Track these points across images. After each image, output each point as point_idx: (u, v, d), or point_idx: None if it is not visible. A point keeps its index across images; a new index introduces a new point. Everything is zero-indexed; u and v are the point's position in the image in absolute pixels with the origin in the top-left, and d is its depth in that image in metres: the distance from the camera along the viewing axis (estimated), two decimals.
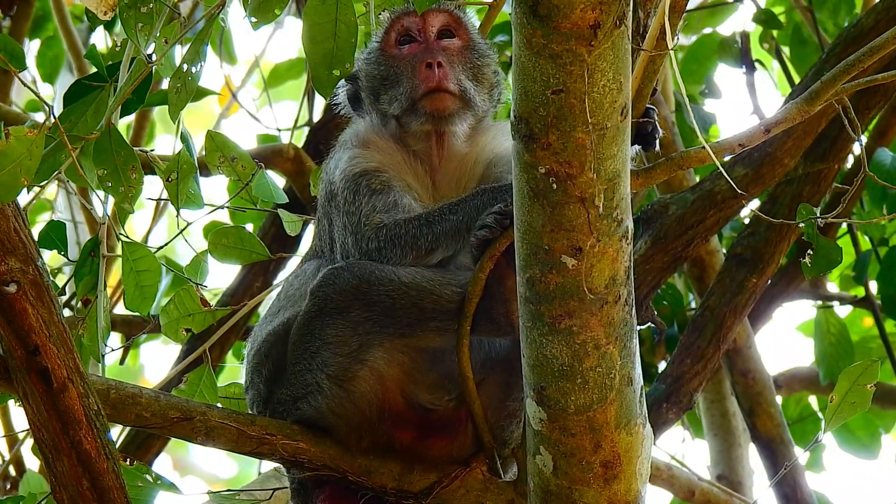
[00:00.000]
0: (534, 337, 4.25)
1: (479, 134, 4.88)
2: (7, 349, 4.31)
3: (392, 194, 4.73)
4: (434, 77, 4.73)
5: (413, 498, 4.66)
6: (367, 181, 4.75)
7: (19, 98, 9.20)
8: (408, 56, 4.80)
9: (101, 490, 4.38)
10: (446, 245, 4.62)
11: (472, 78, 4.81)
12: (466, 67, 4.81)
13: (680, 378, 6.67)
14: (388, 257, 4.64)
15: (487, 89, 4.85)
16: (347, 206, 4.74)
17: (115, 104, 4.79)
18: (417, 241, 4.63)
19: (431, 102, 4.76)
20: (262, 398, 4.77)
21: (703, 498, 7.44)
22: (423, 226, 4.63)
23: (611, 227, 4.11)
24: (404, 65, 4.80)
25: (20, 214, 4.28)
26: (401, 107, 4.79)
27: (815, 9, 7.77)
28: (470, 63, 4.83)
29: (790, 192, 6.69)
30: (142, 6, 4.68)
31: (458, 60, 4.80)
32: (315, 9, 4.54)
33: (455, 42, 4.82)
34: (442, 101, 4.76)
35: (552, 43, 3.89)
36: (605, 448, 4.35)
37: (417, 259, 4.64)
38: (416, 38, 4.82)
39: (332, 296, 4.61)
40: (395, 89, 4.80)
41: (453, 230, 4.61)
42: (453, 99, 4.76)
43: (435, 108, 4.76)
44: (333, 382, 4.60)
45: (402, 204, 4.72)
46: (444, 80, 4.74)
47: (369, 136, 4.86)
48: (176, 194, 4.99)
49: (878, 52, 4.29)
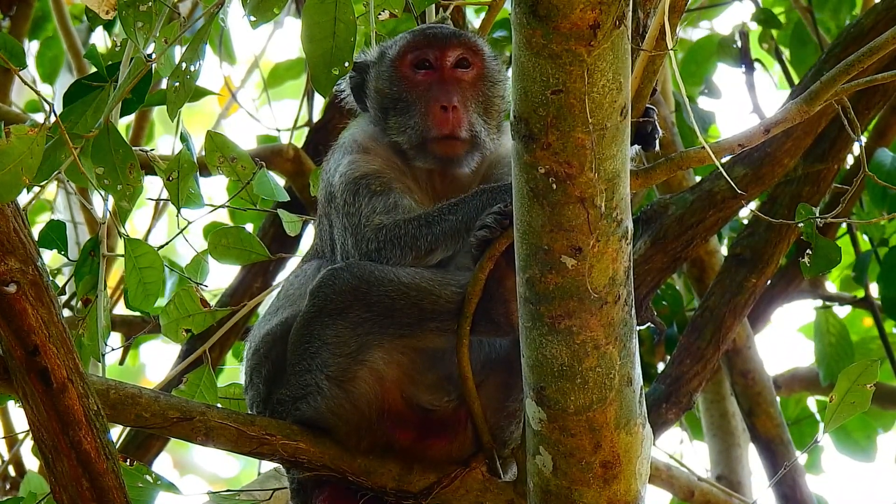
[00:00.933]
0: (533, 337, 4.24)
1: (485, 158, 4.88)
2: (7, 349, 4.31)
3: (392, 196, 4.73)
4: (448, 124, 4.73)
5: (413, 498, 4.66)
6: (366, 183, 4.75)
7: (19, 98, 9.20)
8: (422, 84, 4.79)
9: (100, 490, 4.38)
10: (446, 245, 4.62)
11: (484, 113, 4.81)
12: (479, 101, 4.81)
13: (679, 378, 6.67)
14: (387, 258, 4.64)
15: (496, 122, 4.85)
16: (347, 208, 4.74)
17: (114, 103, 4.79)
18: (417, 241, 4.63)
19: (442, 148, 4.76)
20: (262, 398, 4.77)
21: (703, 498, 7.44)
22: (422, 226, 4.63)
23: (610, 227, 4.11)
24: (418, 95, 4.78)
25: (20, 214, 4.28)
26: (409, 142, 4.78)
27: (816, 9, 7.77)
28: (482, 96, 4.81)
29: (790, 193, 6.69)
30: (141, 5, 4.68)
31: (470, 95, 4.79)
32: (314, 7, 4.54)
33: (470, 72, 4.81)
34: (453, 147, 4.76)
35: (552, 43, 3.89)
36: (604, 448, 4.35)
37: (417, 259, 4.64)
38: (433, 66, 4.81)
39: (331, 296, 4.61)
40: (404, 117, 4.79)
41: (453, 230, 4.61)
42: (464, 145, 4.77)
43: (445, 153, 4.77)
44: (333, 383, 4.60)
45: (402, 205, 4.72)
46: (457, 128, 4.74)
47: (369, 143, 4.86)
48: (176, 194, 4.99)
49: (878, 53, 4.29)
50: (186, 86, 4.67)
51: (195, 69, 4.66)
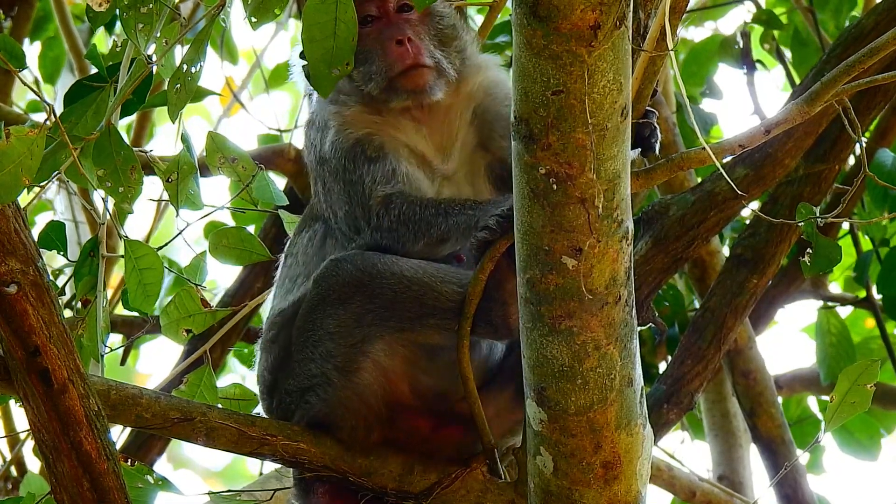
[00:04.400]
0: (534, 338, 4.24)
1: (461, 82, 4.89)
2: (7, 350, 4.31)
3: (388, 162, 4.75)
4: (408, 54, 4.76)
5: (413, 499, 4.66)
6: (362, 149, 4.77)
7: (20, 99, 9.20)
8: (373, 34, 4.81)
9: (101, 491, 4.38)
10: (457, 239, 4.63)
11: (440, 45, 4.84)
12: (432, 36, 4.84)
13: (681, 379, 6.67)
14: (399, 239, 4.66)
15: (456, 49, 4.87)
16: (348, 175, 4.75)
17: (115, 105, 4.79)
18: (430, 228, 4.65)
19: (410, 80, 4.78)
20: (267, 385, 4.79)
21: (704, 499, 7.44)
22: (438, 215, 4.65)
23: (611, 227, 4.11)
24: (372, 43, 4.80)
25: (20, 215, 4.28)
26: (378, 86, 4.79)
27: (817, 9, 7.76)
28: (433, 30, 4.85)
29: (791, 193, 6.68)
30: (142, 6, 4.68)
31: (423, 31, 4.83)
32: (315, 7, 4.54)
33: (413, 13, 4.84)
34: (420, 76, 4.79)
35: (552, 44, 3.89)
36: (605, 449, 4.35)
37: (428, 247, 4.66)
38: (377, 16, 4.83)
39: (334, 286, 4.62)
40: (366, 66, 4.80)
41: (467, 226, 4.60)
42: (430, 72, 4.79)
43: (415, 84, 4.79)
44: (341, 373, 4.60)
45: (399, 172, 4.73)
46: (419, 56, 4.78)
47: (345, 109, 4.86)
48: (176, 195, 4.99)
49: (879, 53, 4.29)
50: (188, 87, 4.67)
51: (196, 70, 4.65)
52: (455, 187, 4.83)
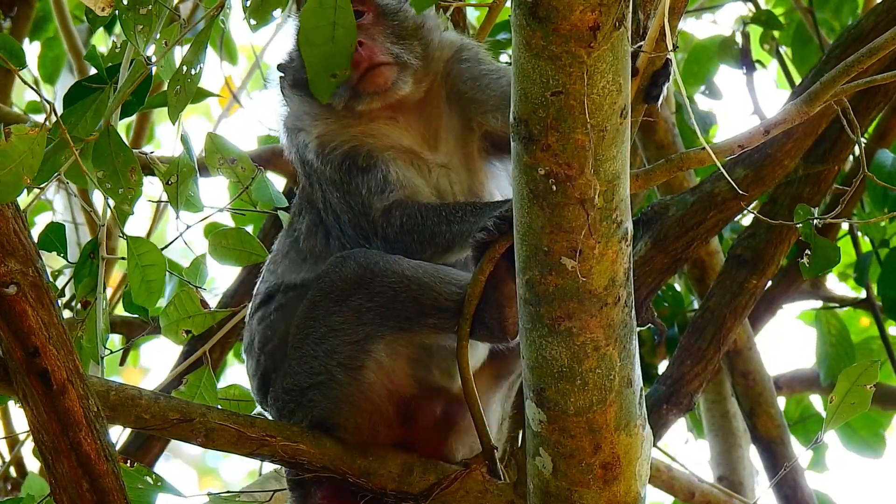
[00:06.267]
0: (533, 338, 4.25)
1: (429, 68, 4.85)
2: (7, 351, 4.31)
3: (380, 169, 4.72)
4: (362, 57, 4.72)
5: (412, 499, 4.66)
6: (352, 161, 4.75)
7: (19, 100, 9.20)
8: None
9: (101, 492, 4.38)
10: (461, 246, 4.62)
11: (399, 40, 4.81)
12: (388, 34, 4.81)
13: (680, 379, 6.67)
14: (406, 249, 4.64)
15: (418, 38, 4.84)
16: (345, 186, 4.74)
17: (115, 107, 4.79)
18: (435, 238, 4.64)
19: (370, 81, 4.75)
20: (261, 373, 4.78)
21: (704, 499, 7.44)
22: (441, 223, 4.64)
23: (610, 228, 4.11)
24: None
25: (20, 216, 4.28)
26: (343, 99, 4.77)
27: (817, 9, 7.76)
28: (389, 28, 4.82)
29: (790, 194, 6.69)
30: (141, 8, 4.67)
31: (376, 32, 4.79)
32: (312, 12, 4.54)
33: (367, 18, 4.80)
34: (380, 75, 4.75)
35: (551, 45, 3.89)
36: (604, 449, 4.35)
37: (435, 256, 4.65)
38: None
39: (336, 283, 4.61)
40: None
41: (470, 233, 4.59)
42: (390, 68, 4.76)
43: (376, 84, 4.75)
44: (346, 371, 4.60)
45: (393, 178, 4.71)
46: (373, 56, 4.74)
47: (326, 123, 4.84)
48: (175, 197, 4.99)
49: (878, 53, 4.29)
50: (187, 88, 4.67)
51: (196, 72, 4.65)
52: (452, 175, 4.81)
